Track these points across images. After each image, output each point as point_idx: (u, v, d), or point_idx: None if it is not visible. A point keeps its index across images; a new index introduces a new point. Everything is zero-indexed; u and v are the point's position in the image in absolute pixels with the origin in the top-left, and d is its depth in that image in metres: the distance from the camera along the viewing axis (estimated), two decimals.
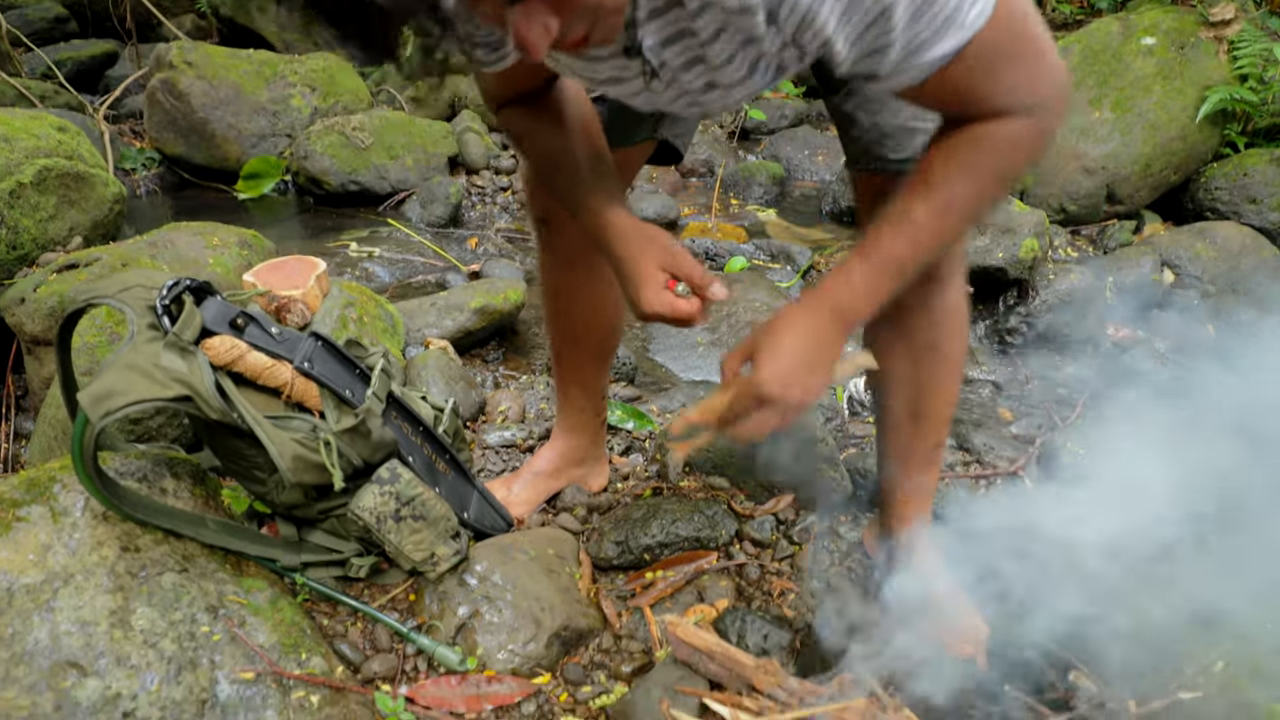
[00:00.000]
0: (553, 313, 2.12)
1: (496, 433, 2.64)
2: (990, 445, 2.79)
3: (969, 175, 1.28)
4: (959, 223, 1.33)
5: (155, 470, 1.84)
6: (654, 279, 1.47)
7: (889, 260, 1.32)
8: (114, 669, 1.46)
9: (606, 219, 1.52)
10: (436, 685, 1.74)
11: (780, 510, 2.27)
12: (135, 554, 1.64)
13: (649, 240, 1.50)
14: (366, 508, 1.76)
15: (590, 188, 1.53)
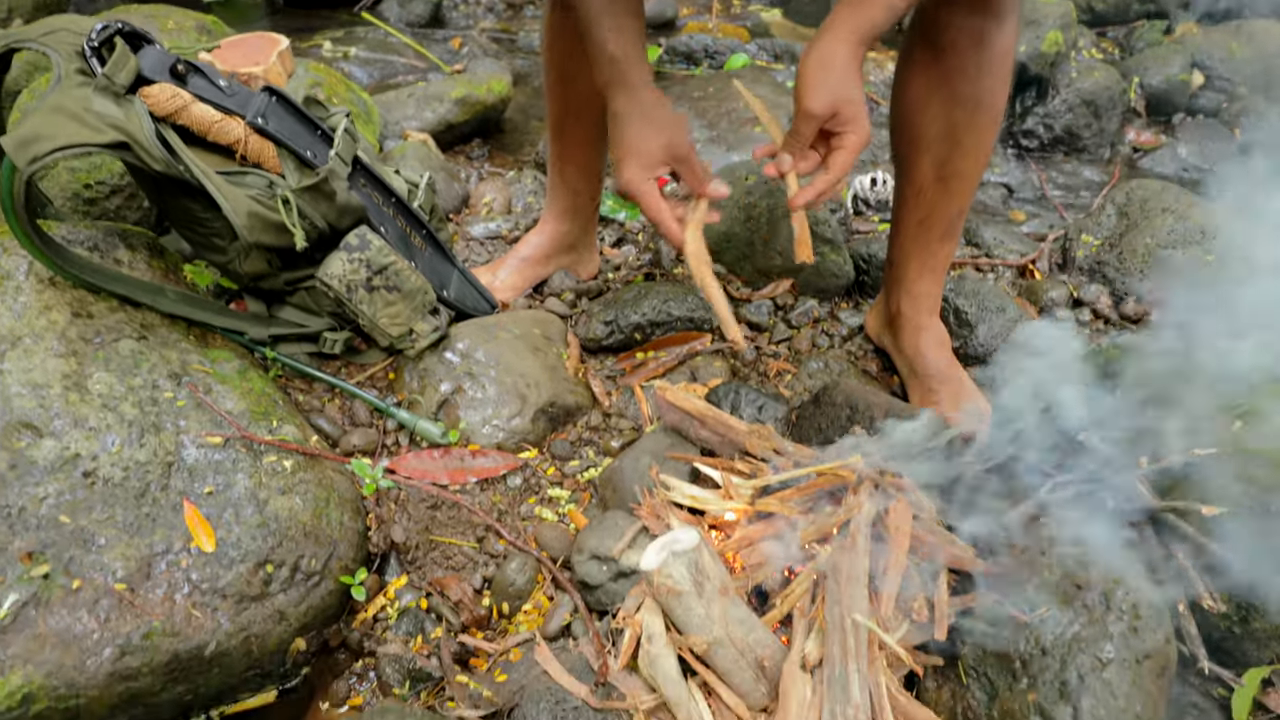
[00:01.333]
0: (555, 81, 1.93)
1: (481, 224, 2.50)
2: (1000, 240, 2.65)
3: None
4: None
5: (108, 240, 1.71)
6: (649, 160, 1.43)
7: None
8: (71, 430, 1.38)
9: (628, 72, 1.41)
10: (418, 458, 1.68)
11: (778, 295, 2.15)
12: (88, 320, 1.54)
13: (665, 122, 1.43)
14: (335, 275, 1.64)
15: (619, 23, 1.39)
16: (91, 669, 1.19)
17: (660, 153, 1.43)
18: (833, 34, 1.33)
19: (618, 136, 1.43)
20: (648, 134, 1.42)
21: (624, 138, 1.42)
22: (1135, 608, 1.19)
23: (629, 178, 1.43)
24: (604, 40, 1.39)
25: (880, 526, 1.34)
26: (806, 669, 1.23)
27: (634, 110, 1.42)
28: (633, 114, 1.42)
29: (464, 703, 1.32)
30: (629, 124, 1.42)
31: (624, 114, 1.42)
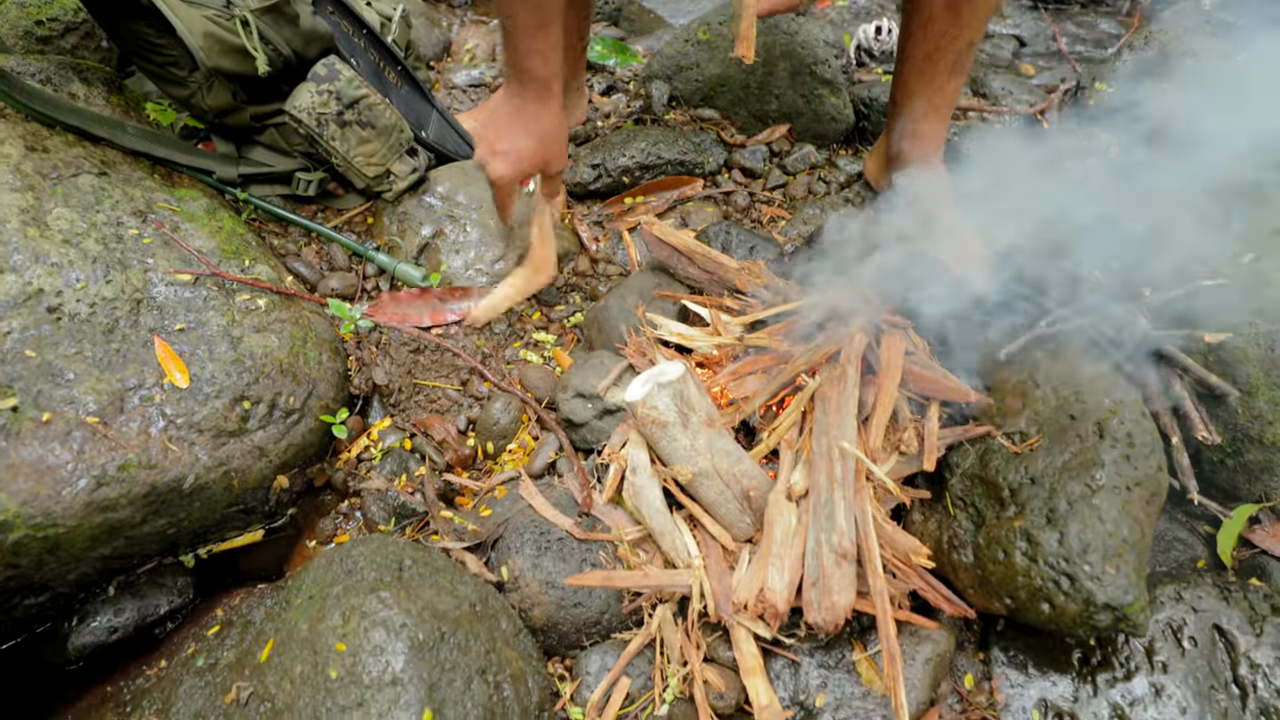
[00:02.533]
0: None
1: (464, 71, 2.37)
2: (1009, 90, 2.53)
3: None
4: None
5: (61, 74, 1.61)
6: (523, 168, 1.48)
7: None
8: (32, 265, 1.32)
9: (545, 89, 1.41)
10: (397, 301, 1.62)
11: (774, 140, 2.06)
12: (44, 154, 1.45)
13: (554, 139, 1.47)
14: (303, 107, 1.55)
15: (545, 48, 1.37)
16: (67, 499, 1.17)
17: (535, 166, 1.50)
18: None
19: (505, 131, 1.45)
20: (540, 144, 1.46)
21: (512, 139, 1.45)
22: (1130, 436, 1.17)
23: (502, 175, 1.47)
24: (529, 64, 1.39)
25: (871, 358, 1.31)
26: (792, 499, 1.22)
27: (535, 120, 1.44)
28: (532, 121, 1.44)
29: (448, 536, 1.32)
30: (525, 128, 1.44)
31: (522, 118, 1.44)
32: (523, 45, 1.36)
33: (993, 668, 1.22)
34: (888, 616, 1.12)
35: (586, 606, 1.23)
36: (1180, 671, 1.15)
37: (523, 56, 1.37)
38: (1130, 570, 1.09)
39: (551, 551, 1.26)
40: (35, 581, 1.21)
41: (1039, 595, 1.11)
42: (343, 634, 1.05)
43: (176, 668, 1.16)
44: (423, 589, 1.13)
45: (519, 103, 1.43)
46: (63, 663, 1.25)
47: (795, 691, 1.18)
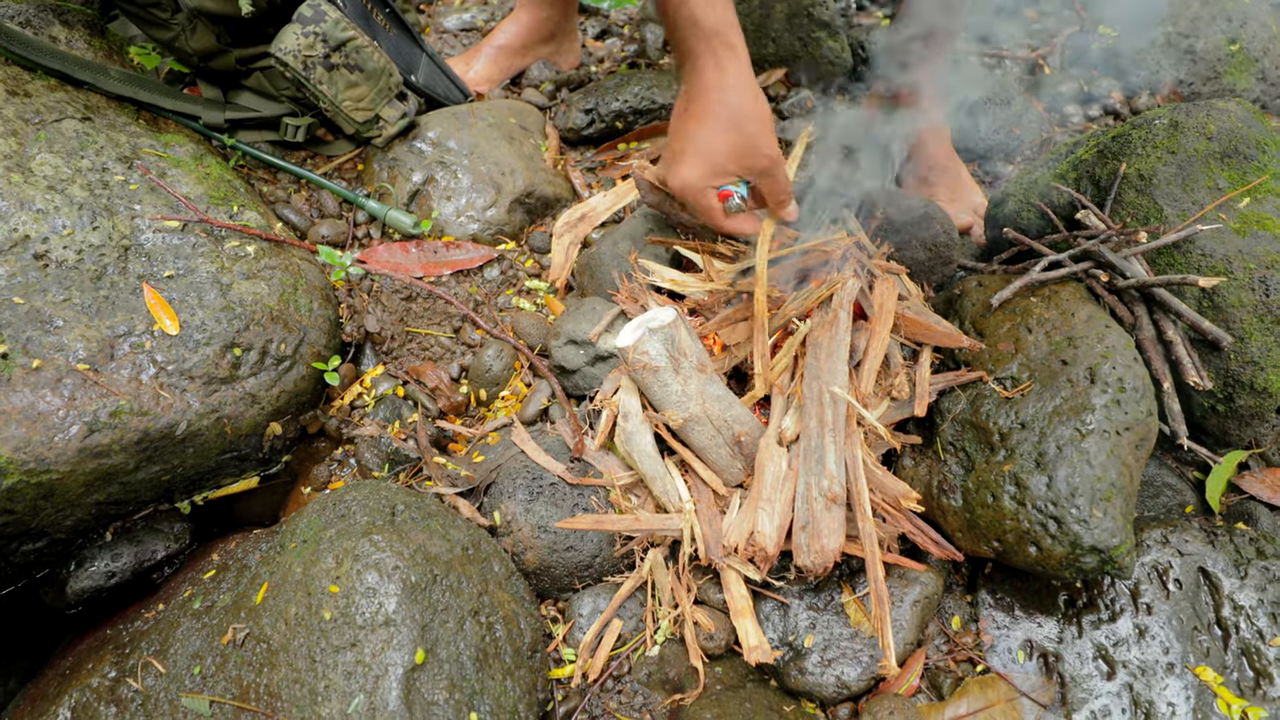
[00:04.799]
0: None
1: (455, 15, 2.32)
2: (1011, 34, 2.48)
3: None
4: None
5: (41, 16, 1.57)
6: (719, 167, 1.09)
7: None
8: (17, 212, 1.31)
9: (725, 41, 1.06)
10: (389, 250, 1.61)
11: (771, 85, 2.02)
12: (26, 99, 1.43)
13: (751, 121, 1.08)
14: (290, 50, 1.52)
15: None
16: (60, 445, 1.17)
17: (737, 157, 1.11)
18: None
19: (686, 124, 1.09)
20: (733, 129, 1.08)
21: (698, 129, 1.08)
22: (1121, 381, 1.17)
23: (689, 180, 1.10)
24: (693, 11, 1.05)
25: (864, 303, 1.30)
26: (783, 444, 1.22)
27: (721, 96, 1.06)
28: (719, 101, 1.07)
29: (441, 481, 1.33)
30: (710, 112, 1.07)
31: (703, 101, 1.07)
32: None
33: (980, 610, 1.23)
34: (876, 560, 1.13)
35: (578, 550, 1.25)
36: (1164, 613, 1.17)
37: (678, 7, 1.04)
38: (1117, 513, 1.10)
39: (544, 496, 1.27)
40: (32, 528, 1.22)
41: (1026, 538, 1.12)
42: (336, 576, 1.06)
43: (174, 610, 1.17)
44: (415, 532, 1.13)
45: (694, 79, 1.08)
46: (62, 607, 1.27)
47: (784, 633, 1.20)
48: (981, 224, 1.74)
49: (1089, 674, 1.15)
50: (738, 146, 1.09)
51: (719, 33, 1.05)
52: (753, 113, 1.09)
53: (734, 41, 1.07)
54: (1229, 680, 1.11)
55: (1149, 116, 1.40)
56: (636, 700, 1.16)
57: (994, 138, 2.01)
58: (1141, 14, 2.31)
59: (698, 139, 1.08)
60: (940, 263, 1.49)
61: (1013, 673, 1.17)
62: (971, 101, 2.04)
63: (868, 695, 1.16)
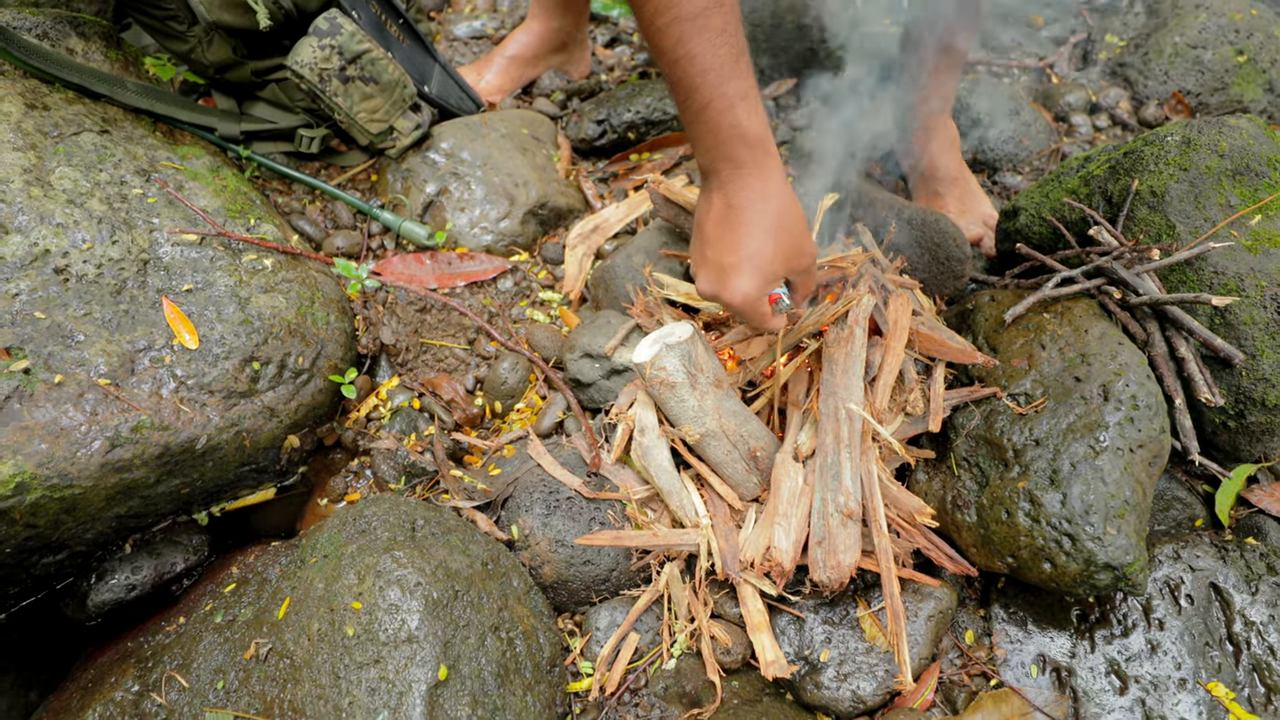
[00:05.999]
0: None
1: (465, 23, 2.33)
2: (1018, 42, 2.49)
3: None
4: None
5: (57, 28, 1.58)
6: (773, 273, 1.09)
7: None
8: (37, 226, 1.32)
9: (766, 152, 1.04)
10: (404, 261, 1.62)
11: (781, 95, 2.03)
12: (44, 112, 1.44)
13: (795, 223, 1.08)
14: (306, 63, 1.53)
15: (746, 87, 1.02)
16: (83, 460, 1.18)
17: (786, 265, 1.10)
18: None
19: (729, 235, 1.08)
20: (776, 243, 1.08)
21: (742, 240, 1.07)
22: (1134, 399, 1.18)
23: (749, 292, 1.08)
24: (737, 120, 1.02)
25: (879, 319, 1.31)
26: (799, 459, 1.23)
27: (760, 206, 1.06)
28: (756, 211, 1.07)
29: (458, 494, 1.34)
30: (751, 222, 1.07)
31: (745, 209, 1.07)
32: (716, 96, 1.01)
33: (993, 624, 1.24)
34: (892, 575, 1.14)
35: (595, 564, 1.26)
36: (1176, 629, 1.18)
37: (724, 112, 1.02)
38: (1131, 531, 1.11)
39: (561, 510, 1.28)
40: (53, 540, 1.23)
41: (1041, 555, 1.13)
42: (358, 592, 1.07)
43: (195, 624, 1.18)
44: (436, 548, 1.15)
45: (737, 188, 1.07)
46: (83, 619, 1.28)
47: (800, 647, 1.21)
48: (992, 236, 1.75)
49: (1101, 689, 1.16)
50: (788, 251, 1.10)
51: (762, 142, 1.05)
52: (797, 215, 1.10)
53: (772, 149, 1.07)
54: (1240, 696, 1.13)
55: (1161, 133, 1.41)
56: (653, 714, 1.18)
57: (1003, 148, 2.02)
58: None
59: (749, 249, 1.07)
60: (952, 276, 1.50)
61: (1026, 687, 1.19)
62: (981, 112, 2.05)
63: (883, 710, 1.17)
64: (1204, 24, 2.18)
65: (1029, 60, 2.41)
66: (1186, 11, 2.23)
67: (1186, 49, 2.17)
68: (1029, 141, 2.03)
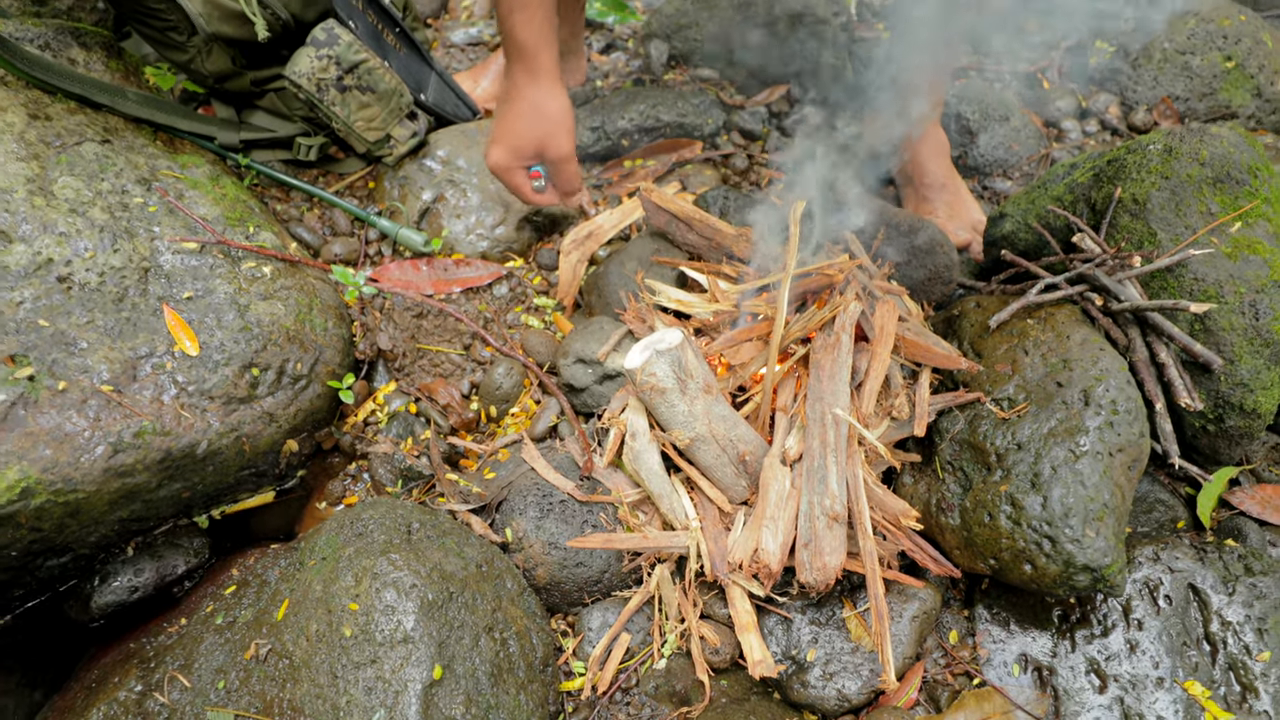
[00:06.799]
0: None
1: (462, 30, 2.35)
2: (1010, 47, 2.52)
3: None
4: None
5: (59, 39, 1.61)
6: (521, 152, 1.40)
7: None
8: (40, 235, 1.34)
9: (535, 59, 1.33)
10: (400, 268, 1.65)
11: (773, 101, 2.06)
12: (46, 122, 1.46)
13: (552, 118, 1.37)
14: (303, 73, 1.55)
15: (529, 14, 1.30)
16: (86, 465, 1.21)
17: (533, 146, 1.39)
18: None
19: (501, 115, 1.37)
20: (531, 125, 1.37)
21: (506, 120, 1.37)
22: (1114, 403, 1.21)
23: (498, 160, 1.40)
24: (512, 27, 1.30)
25: (865, 325, 1.34)
26: (786, 463, 1.26)
27: (526, 97, 1.35)
28: (523, 100, 1.35)
29: (454, 498, 1.36)
30: (515, 109, 1.36)
31: (515, 97, 1.36)
32: (504, 5, 1.29)
33: (976, 624, 1.27)
34: (876, 576, 1.17)
35: (588, 566, 1.28)
36: (1155, 628, 1.21)
37: (505, 18, 1.30)
38: (1110, 533, 1.14)
39: (554, 513, 1.31)
40: (57, 544, 1.25)
41: (1022, 557, 1.16)
42: (355, 594, 1.10)
43: (197, 625, 1.21)
44: (431, 550, 1.17)
45: (510, 80, 1.37)
46: (86, 620, 1.30)
47: (787, 646, 1.24)
48: (980, 241, 1.78)
49: (1081, 687, 1.19)
50: (539, 137, 1.38)
51: (533, 51, 1.31)
52: (555, 112, 1.37)
53: (545, 61, 1.33)
54: (1216, 695, 1.15)
55: (1144, 142, 1.43)
56: (644, 712, 1.20)
57: (993, 154, 2.05)
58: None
59: (506, 127, 1.37)
60: (940, 282, 1.53)
61: (1008, 686, 1.21)
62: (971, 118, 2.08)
63: (868, 708, 1.20)
64: (1193, 30, 2.21)
65: (1020, 65, 2.44)
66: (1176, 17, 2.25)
67: (1175, 55, 2.20)
68: (1019, 147, 2.06)
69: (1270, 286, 1.30)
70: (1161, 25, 2.23)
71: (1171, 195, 1.37)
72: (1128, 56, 2.31)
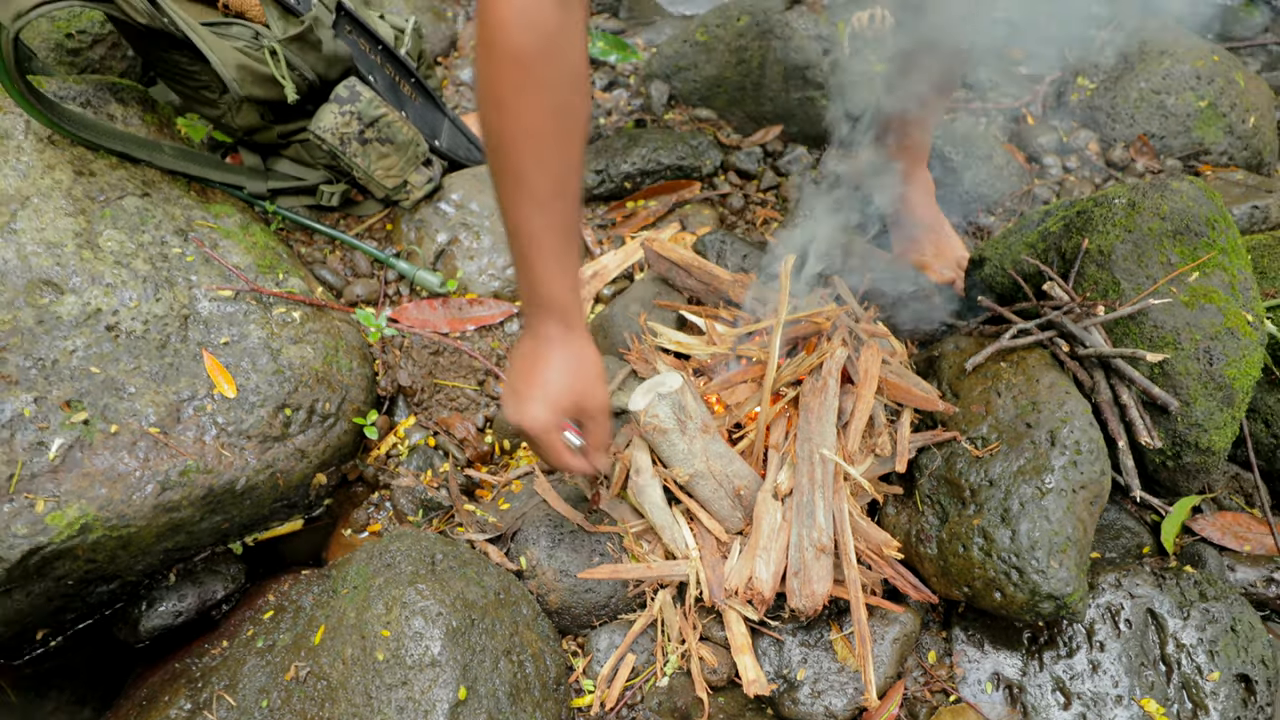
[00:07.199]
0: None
1: (469, 68, 2.46)
2: (995, 82, 2.62)
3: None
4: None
5: (99, 95, 1.72)
6: (558, 406, 1.22)
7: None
8: (89, 286, 1.46)
9: (569, 313, 1.18)
10: (418, 307, 1.76)
11: (768, 141, 2.17)
12: (91, 178, 1.58)
13: (589, 371, 1.23)
14: (327, 128, 1.67)
15: (565, 264, 1.15)
16: (137, 502, 1.32)
17: (572, 399, 1.25)
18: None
19: (530, 369, 1.22)
20: (572, 378, 1.23)
21: (539, 373, 1.22)
22: (1078, 444, 1.32)
23: (538, 418, 1.21)
24: (538, 280, 1.17)
25: (851, 369, 1.45)
26: (778, 497, 1.37)
27: (562, 348, 1.22)
28: (556, 353, 1.22)
29: (472, 528, 1.47)
30: (550, 361, 1.22)
31: (548, 350, 1.22)
32: (530, 246, 1.13)
33: (953, 645, 1.39)
34: (860, 603, 1.28)
35: (596, 592, 1.40)
36: (1115, 650, 1.32)
37: (529, 269, 1.15)
38: (1072, 564, 1.25)
39: (564, 543, 1.42)
40: (108, 572, 1.37)
41: (992, 585, 1.27)
42: (386, 621, 1.21)
43: (239, 648, 1.32)
44: (454, 580, 1.28)
45: (538, 331, 1.21)
46: (133, 642, 1.42)
47: (779, 666, 1.35)
48: (963, 278, 1.89)
49: (1048, 704, 1.30)
50: (579, 392, 1.23)
51: (565, 303, 1.18)
52: (591, 364, 1.24)
53: (577, 310, 1.21)
54: (1170, 711, 1.27)
55: (1109, 195, 1.54)
56: None
57: (976, 190, 2.16)
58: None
59: (542, 381, 1.21)
60: (923, 322, 1.64)
61: (981, 702, 1.33)
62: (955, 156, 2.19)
63: None
64: (1168, 70, 2.32)
65: (1005, 101, 2.55)
66: (1151, 58, 2.36)
67: (1151, 94, 2.31)
68: (1001, 184, 2.17)
69: (1224, 334, 1.41)
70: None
71: (1134, 247, 1.48)
72: (1106, 93, 2.42)
